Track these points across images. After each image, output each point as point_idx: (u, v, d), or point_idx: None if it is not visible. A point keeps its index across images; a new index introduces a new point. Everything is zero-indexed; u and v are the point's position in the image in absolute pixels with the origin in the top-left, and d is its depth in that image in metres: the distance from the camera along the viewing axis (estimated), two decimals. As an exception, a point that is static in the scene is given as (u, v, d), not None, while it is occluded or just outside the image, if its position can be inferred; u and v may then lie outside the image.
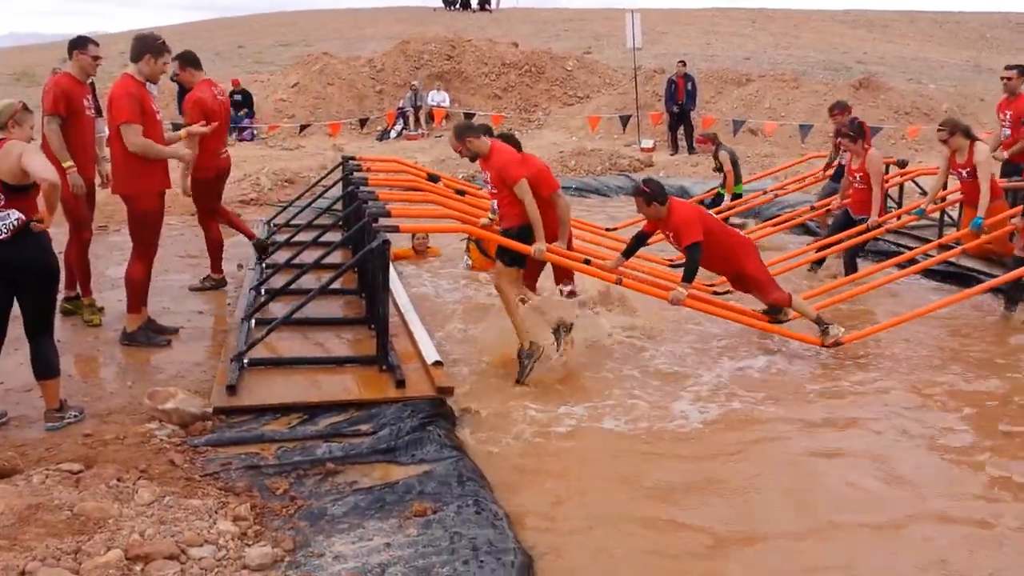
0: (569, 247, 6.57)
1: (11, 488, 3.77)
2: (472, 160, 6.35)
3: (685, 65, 18.04)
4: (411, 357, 5.84)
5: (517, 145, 6.52)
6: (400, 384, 5.30)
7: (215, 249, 7.64)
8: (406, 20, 35.05)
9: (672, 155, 17.22)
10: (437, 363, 5.61)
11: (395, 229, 5.97)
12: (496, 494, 4.26)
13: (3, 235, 4.44)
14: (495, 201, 6.24)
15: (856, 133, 8.37)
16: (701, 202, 10.46)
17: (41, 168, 4.38)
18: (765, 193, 10.84)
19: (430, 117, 20.02)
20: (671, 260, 8.22)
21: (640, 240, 6.54)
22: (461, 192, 8.30)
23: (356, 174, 8.00)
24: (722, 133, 18.07)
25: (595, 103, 20.92)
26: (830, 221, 9.16)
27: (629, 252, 6.57)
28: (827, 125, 17.52)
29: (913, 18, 40.01)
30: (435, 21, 34.16)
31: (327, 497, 4.09)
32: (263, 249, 8.00)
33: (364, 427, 4.84)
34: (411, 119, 19.74)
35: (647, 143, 17.83)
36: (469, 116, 19.90)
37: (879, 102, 18.61)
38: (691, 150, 17.31)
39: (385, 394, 5.22)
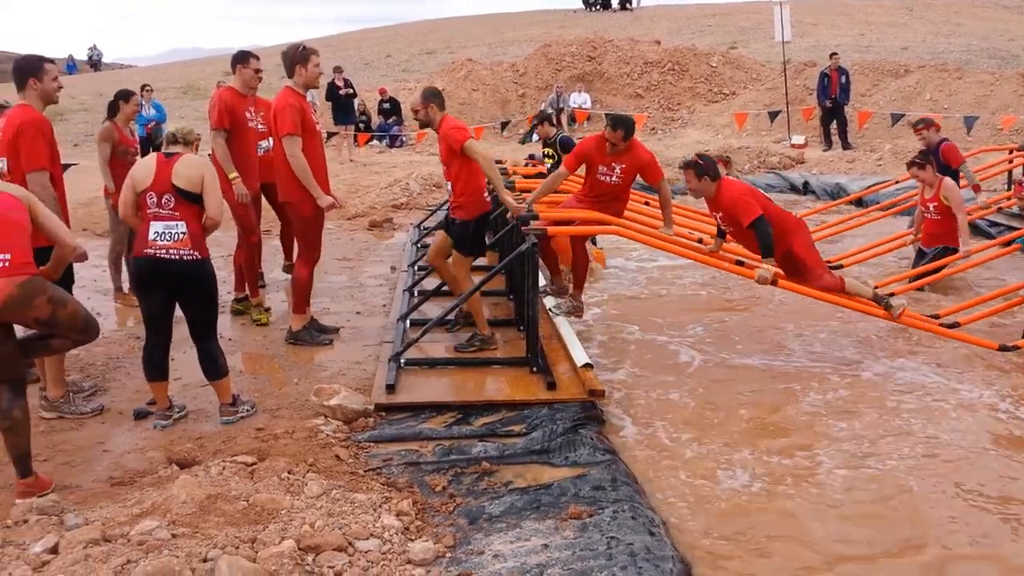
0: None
1: (192, 479, 4.00)
2: (424, 126, 6.04)
3: (839, 57, 17.33)
4: (561, 359, 5.86)
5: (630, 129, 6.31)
6: (551, 386, 5.32)
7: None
8: (547, 23, 35.24)
9: (825, 151, 16.58)
10: (587, 365, 5.60)
11: (543, 232, 6.02)
12: (650, 500, 4.21)
13: (167, 242, 4.68)
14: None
15: (925, 160, 7.73)
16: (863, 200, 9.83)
17: (215, 209, 4.78)
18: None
19: (572, 119, 20.03)
20: None
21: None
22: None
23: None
24: (880, 127, 17.35)
25: (741, 99, 20.39)
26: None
27: (721, 233, 6.44)
28: (994, 117, 16.56)
29: (1090, -2, 36.93)
30: (575, 23, 34.18)
31: (484, 496, 4.15)
32: None
33: (517, 428, 4.89)
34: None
35: (798, 139, 17.24)
36: (611, 117, 19.79)
37: (1053, 91, 17.31)
38: (845, 146, 16.62)
39: (536, 396, 5.26)
